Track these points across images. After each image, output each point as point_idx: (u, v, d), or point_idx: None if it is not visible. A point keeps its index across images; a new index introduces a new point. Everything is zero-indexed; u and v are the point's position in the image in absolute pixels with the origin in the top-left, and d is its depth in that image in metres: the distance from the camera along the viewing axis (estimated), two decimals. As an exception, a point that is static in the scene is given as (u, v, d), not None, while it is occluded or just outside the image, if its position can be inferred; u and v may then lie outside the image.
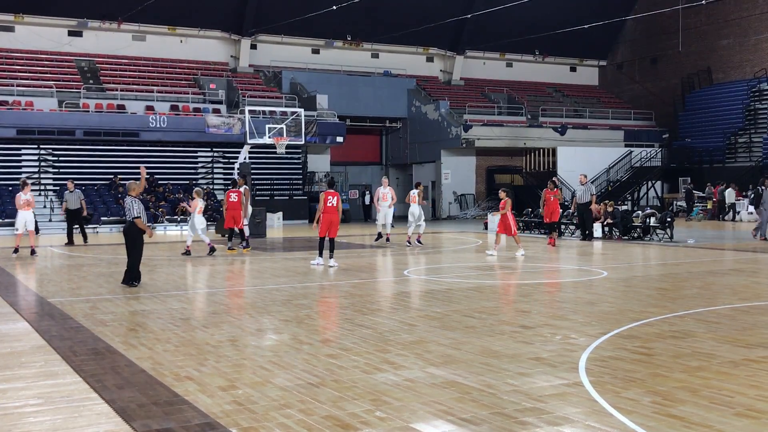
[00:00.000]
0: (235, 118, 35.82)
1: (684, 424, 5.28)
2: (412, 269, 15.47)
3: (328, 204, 16.07)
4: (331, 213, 16.05)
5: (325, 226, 16.07)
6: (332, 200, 16.09)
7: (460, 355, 7.49)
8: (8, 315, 10.34)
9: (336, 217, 16.18)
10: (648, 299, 11.11)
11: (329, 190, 16.33)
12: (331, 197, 16.10)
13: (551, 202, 21.29)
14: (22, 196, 19.35)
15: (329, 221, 16.04)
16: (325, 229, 16.07)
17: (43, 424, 5.49)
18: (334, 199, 16.13)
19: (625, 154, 41.98)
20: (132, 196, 12.68)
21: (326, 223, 16.04)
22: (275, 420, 5.48)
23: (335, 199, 16.14)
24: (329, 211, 16.04)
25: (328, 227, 16.06)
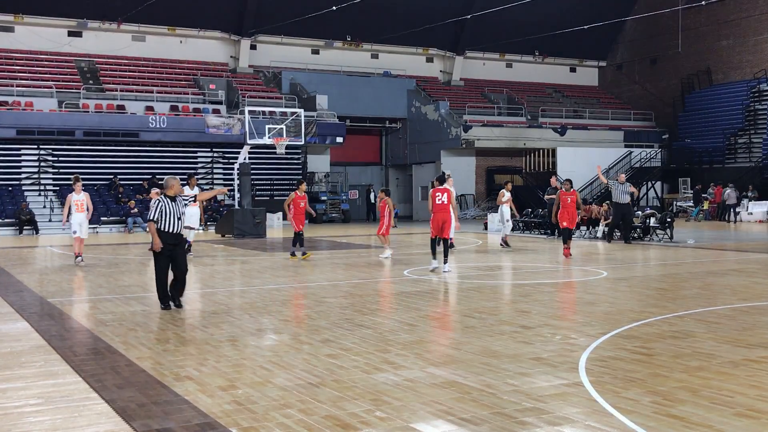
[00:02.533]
0: (235, 119, 35.83)
1: (684, 424, 5.28)
2: (412, 269, 15.47)
3: (437, 201, 14.60)
4: (441, 211, 14.57)
5: (436, 226, 14.62)
6: (442, 197, 14.60)
7: (460, 355, 7.48)
8: (8, 315, 10.33)
9: (447, 216, 14.76)
10: (648, 299, 11.11)
11: (438, 187, 14.82)
12: (440, 194, 14.62)
13: (568, 204, 17.90)
14: (74, 197, 17.11)
15: (440, 221, 14.61)
16: (436, 228, 14.64)
17: (42, 424, 5.49)
18: (444, 196, 14.63)
19: (625, 155, 41.99)
20: (167, 195, 10.48)
21: (437, 222, 14.59)
22: (275, 420, 5.48)
23: (445, 196, 14.65)
24: (439, 210, 14.60)
25: (439, 227, 14.61)
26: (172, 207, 10.34)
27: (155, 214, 10.28)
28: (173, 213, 10.31)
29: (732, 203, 33.79)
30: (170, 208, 10.31)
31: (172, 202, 10.37)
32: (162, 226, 10.21)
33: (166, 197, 10.35)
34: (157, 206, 10.32)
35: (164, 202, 10.33)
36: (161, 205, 10.30)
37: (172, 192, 10.50)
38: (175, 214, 10.31)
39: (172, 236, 10.29)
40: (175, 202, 10.39)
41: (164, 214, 10.27)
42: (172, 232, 10.29)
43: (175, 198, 10.35)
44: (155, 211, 10.30)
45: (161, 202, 10.33)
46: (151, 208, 10.40)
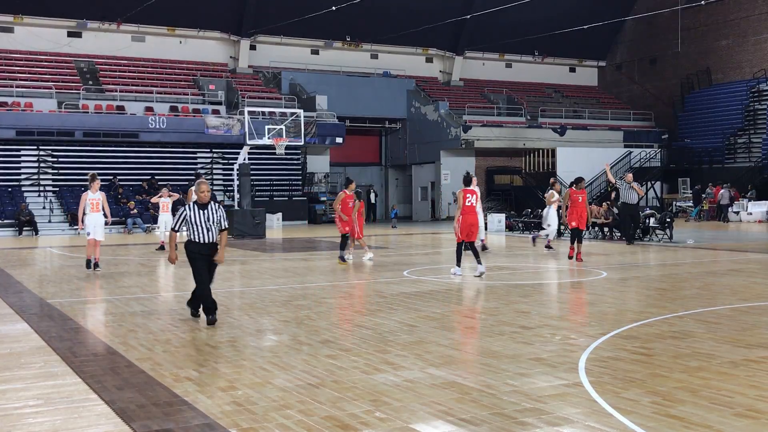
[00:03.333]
0: (235, 119, 35.83)
1: (684, 424, 5.28)
2: (412, 270, 15.47)
3: (467, 203, 13.90)
4: (471, 214, 13.94)
5: (465, 229, 13.89)
6: (471, 199, 13.93)
7: (459, 355, 7.48)
8: (8, 316, 10.33)
9: (476, 218, 14.17)
10: (648, 300, 11.11)
11: (467, 188, 14.08)
12: (470, 195, 13.92)
13: (579, 203, 16.90)
14: (89, 195, 15.45)
15: (470, 223, 13.91)
16: (465, 232, 13.91)
17: (42, 425, 5.49)
18: (474, 198, 13.98)
19: (625, 155, 41.99)
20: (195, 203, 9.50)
21: (466, 225, 13.87)
22: (275, 421, 5.48)
23: (474, 198, 14.01)
24: (468, 212, 13.92)
25: (468, 230, 13.92)
26: (199, 215, 9.31)
27: (177, 223, 9.50)
28: (202, 221, 9.30)
29: (725, 203, 33.87)
30: (197, 217, 9.31)
31: (200, 210, 9.34)
32: (192, 236, 9.39)
33: (194, 205, 9.41)
34: (181, 216, 9.46)
35: (191, 210, 9.38)
36: (185, 214, 9.41)
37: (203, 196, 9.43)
38: (203, 223, 9.30)
39: (204, 246, 9.37)
40: (205, 210, 9.35)
41: (191, 223, 9.34)
42: (203, 242, 9.33)
43: (207, 206, 9.36)
44: (178, 220, 9.49)
45: (186, 211, 9.41)
46: (176, 215, 9.63)
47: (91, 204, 15.43)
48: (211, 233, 9.37)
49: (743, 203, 34.49)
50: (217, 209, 9.41)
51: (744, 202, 34.64)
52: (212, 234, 9.38)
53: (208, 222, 9.35)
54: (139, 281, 14.12)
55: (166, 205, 21.74)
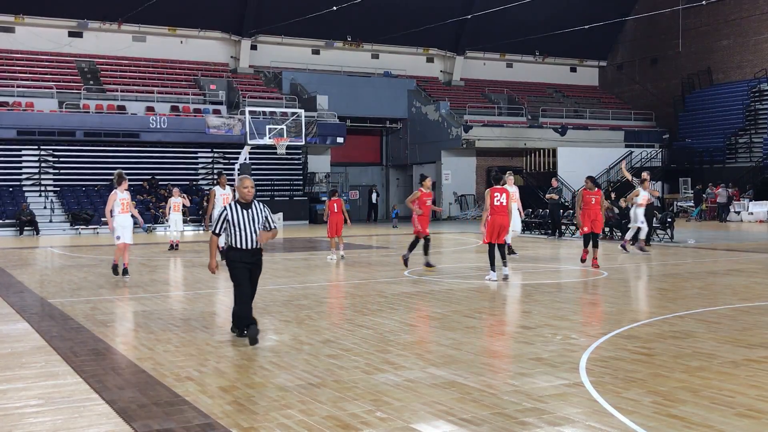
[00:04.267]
0: (236, 119, 35.84)
1: (684, 424, 5.28)
2: (412, 270, 15.47)
3: (496, 203, 13.19)
4: (500, 214, 13.20)
5: (493, 230, 13.19)
6: (500, 198, 13.21)
7: (460, 355, 7.48)
8: (9, 315, 10.34)
9: (506, 219, 13.35)
10: (648, 299, 11.11)
11: (497, 186, 13.45)
12: (499, 194, 13.23)
13: (592, 205, 15.48)
14: (118, 194, 14.05)
15: (499, 224, 13.17)
16: (494, 233, 13.21)
17: (43, 425, 5.49)
18: (503, 197, 13.24)
19: (626, 155, 41.97)
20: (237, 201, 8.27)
21: (495, 226, 13.16)
22: (276, 420, 5.48)
23: (504, 197, 13.25)
24: (497, 212, 13.21)
25: (497, 231, 13.21)
26: (242, 216, 8.06)
27: (218, 226, 8.15)
28: (246, 223, 8.05)
29: (722, 202, 33.89)
30: (241, 218, 8.05)
31: (243, 210, 8.09)
32: (233, 242, 8.06)
33: (236, 204, 8.15)
34: (222, 217, 8.12)
35: (232, 210, 8.09)
36: (227, 215, 8.07)
37: (245, 195, 8.16)
38: (248, 224, 8.06)
39: (247, 253, 8.08)
40: (249, 210, 8.12)
41: (234, 225, 8.03)
42: (248, 248, 8.06)
43: (251, 204, 8.14)
44: (218, 222, 8.14)
45: (227, 210, 8.09)
46: (215, 219, 8.26)
47: (122, 204, 14.06)
48: (255, 237, 8.13)
49: (744, 203, 34.47)
50: (263, 208, 8.21)
51: (745, 202, 34.61)
52: (256, 238, 8.15)
53: (252, 224, 8.09)
54: (139, 281, 14.12)
55: (177, 205, 21.84)
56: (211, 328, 9.11)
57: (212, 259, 8.39)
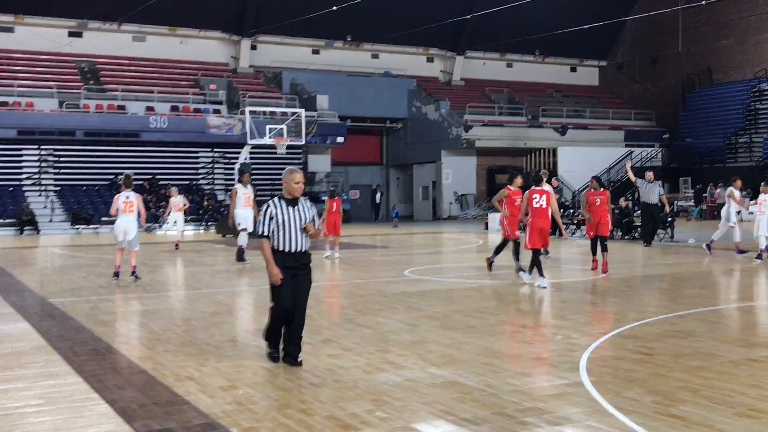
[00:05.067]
0: (236, 119, 35.84)
1: (685, 423, 5.28)
2: (413, 269, 15.47)
3: (535, 205, 12.39)
4: (541, 217, 12.37)
5: (533, 234, 12.33)
6: (540, 200, 12.41)
7: (461, 355, 7.48)
8: (9, 315, 10.33)
9: (547, 222, 12.48)
10: (649, 299, 11.11)
11: (535, 188, 12.59)
12: (538, 196, 12.41)
13: (597, 207, 14.53)
14: (121, 195, 13.46)
15: (539, 228, 12.33)
16: (536, 238, 12.35)
17: (44, 425, 5.49)
18: (542, 199, 12.41)
19: (626, 154, 41.97)
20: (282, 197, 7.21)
21: (535, 230, 12.31)
22: (276, 420, 5.48)
23: (543, 199, 12.42)
24: (538, 215, 12.34)
25: (539, 235, 12.36)
26: (289, 215, 7.04)
27: (266, 225, 7.03)
28: (292, 223, 7.03)
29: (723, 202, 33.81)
30: (287, 216, 7.03)
31: (290, 207, 7.07)
32: (276, 243, 7.01)
33: (281, 200, 7.12)
34: (267, 215, 7.04)
35: (277, 206, 7.06)
36: (270, 212, 7.03)
37: (293, 191, 7.10)
38: (294, 224, 7.02)
39: (291, 257, 7.03)
40: (295, 207, 7.09)
41: (280, 224, 6.99)
42: (293, 251, 7.03)
43: (297, 201, 7.11)
44: (265, 221, 7.03)
45: (271, 208, 7.05)
46: (259, 217, 7.16)
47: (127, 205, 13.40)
48: (304, 239, 7.09)
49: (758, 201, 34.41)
50: (311, 206, 7.22)
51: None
52: (304, 240, 7.10)
53: (299, 223, 7.04)
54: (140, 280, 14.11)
55: (176, 204, 21.92)
56: (211, 328, 9.11)
57: (271, 264, 6.96)
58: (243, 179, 16.66)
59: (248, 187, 16.55)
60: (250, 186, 16.69)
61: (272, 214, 7.01)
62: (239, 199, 16.36)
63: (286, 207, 7.06)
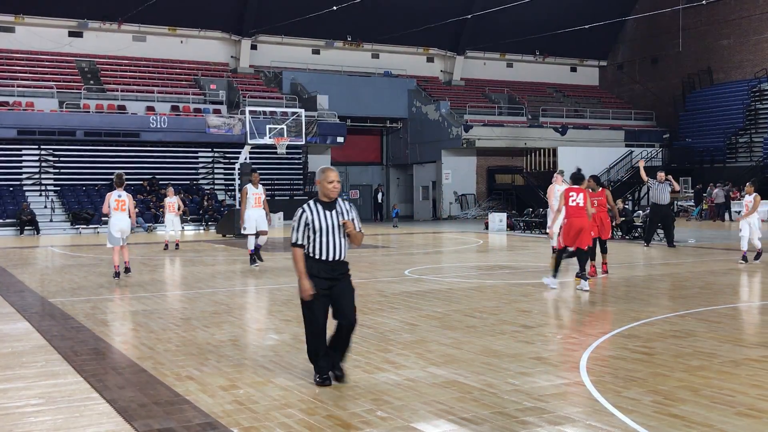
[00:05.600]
0: (236, 119, 35.84)
1: (685, 423, 5.28)
2: (413, 269, 15.47)
3: (571, 203, 11.89)
4: (578, 216, 11.82)
5: (572, 235, 11.84)
6: (576, 198, 11.90)
7: (461, 354, 7.48)
8: (9, 315, 10.34)
9: (585, 222, 11.86)
10: (649, 299, 11.10)
11: (574, 186, 12.14)
12: (575, 194, 11.93)
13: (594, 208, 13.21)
14: (113, 194, 13.82)
15: (577, 228, 11.82)
16: (572, 238, 11.84)
17: (44, 424, 5.49)
18: (579, 197, 11.89)
19: (626, 154, 42.00)
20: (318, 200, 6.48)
21: (572, 229, 11.84)
22: (276, 420, 5.48)
23: (581, 198, 11.89)
24: (574, 214, 11.86)
25: (575, 236, 11.83)
26: (327, 219, 6.36)
27: (300, 233, 6.34)
28: (329, 228, 6.34)
29: (720, 202, 33.90)
30: (324, 221, 6.34)
31: (326, 211, 6.37)
32: (311, 250, 6.32)
33: (316, 203, 6.41)
34: (301, 220, 6.34)
35: (313, 211, 6.34)
36: (305, 217, 6.33)
37: (330, 194, 6.39)
38: (332, 229, 6.34)
39: (328, 266, 6.32)
40: (333, 211, 6.39)
41: (316, 231, 6.31)
42: (330, 259, 6.33)
43: (334, 203, 6.42)
44: (299, 228, 6.34)
45: (306, 212, 6.34)
46: (293, 224, 6.41)
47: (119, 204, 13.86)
48: (343, 246, 6.39)
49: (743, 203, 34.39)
50: (350, 209, 6.49)
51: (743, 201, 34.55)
52: (344, 247, 6.41)
53: (338, 228, 6.36)
54: (140, 280, 14.12)
55: (171, 205, 21.87)
56: (211, 328, 9.11)
57: (303, 277, 6.27)
58: (253, 178, 16.36)
59: (259, 187, 16.22)
60: (261, 186, 16.36)
61: (308, 220, 6.31)
62: (249, 200, 16.02)
63: (322, 211, 6.36)
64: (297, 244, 6.34)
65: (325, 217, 6.33)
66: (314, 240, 6.31)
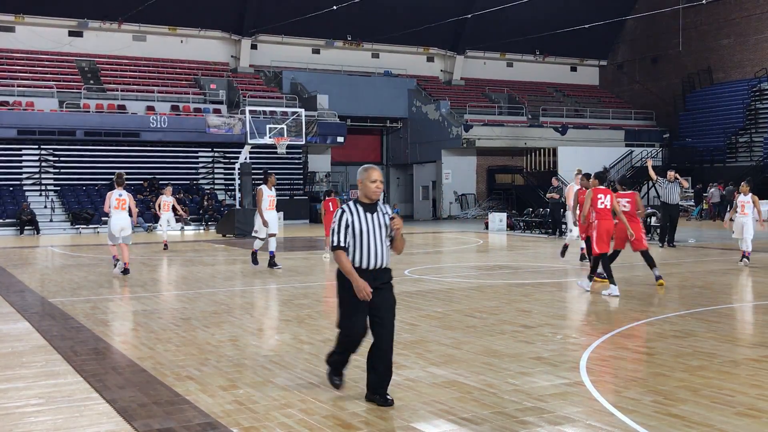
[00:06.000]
0: (236, 119, 35.84)
1: (685, 423, 5.28)
2: (412, 269, 15.47)
3: (599, 205, 11.55)
4: (606, 218, 11.50)
5: (605, 239, 11.44)
6: (604, 200, 11.54)
7: (461, 354, 7.48)
8: (9, 315, 10.34)
9: (612, 224, 11.56)
10: (649, 299, 11.10)
11: (600, 187, 11.73)
12: (603, 196, 11.59)
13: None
14: (114, 193, 14.45)
15: (606, 230, 11.47)
16: (606, 243, 11.47)
17: (44, 424, 5.49)
18: (607, 199, 11.55)
19: (626, 154, 41.99)
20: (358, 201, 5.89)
21: (603, 232, 11.44)
22: (276, 420, 5.49)
23: (608, 199, 11.56)
24: (605, 216, 11.53)
25: (606, 238, 11.47)
26: (369, 222, 5.79)
27: (342, 236, 5.76)
28: (372, 232, 5.77)
29: (716, 201, 33.99)
30: (366, 224, 5.77)
31: (368, 213, 5.81)
32: (351, 257, 5.76)
33: (356, 205, 5.83)
34: (342, 223, 5.76)
35: (354, 213, 5.78)
36: (346, 219, 5.76)
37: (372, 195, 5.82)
38: (375, 234, 5.77)
39: (370, 275, 5.75)
40: (374, 214, 5.83)
41: (357, 235, 5.75)
42: (372, 267, 5.77)
43: (376, 206, 5.86)
44: (340, 230, 5.75)
45: (347, 213, 5.78)
46: (333, 224, 5.81)
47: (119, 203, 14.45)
48: (385, 251, 5.82)
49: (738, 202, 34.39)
50: (390, 211, 5.97)
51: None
52: (386, 252, 5.84)
53: (380, 232, 5.80)
54: (139, 280, 14.13)
55: (167, 204, 21.85)
56: (211, 328, 9.11)
57: (356, 278, 5.67)
58: (269, 180, 16.05)
59: (272, 189, 16.06)
60: (274, 188, 16.18)
61: (348, 222, 5.73)
62: (264, 202, 15.84)
63: (363, 213, 5.77)
64: (339, 246, 5.74)
65: (366, 220, 5.76)
66: (354, 245, 5.74)
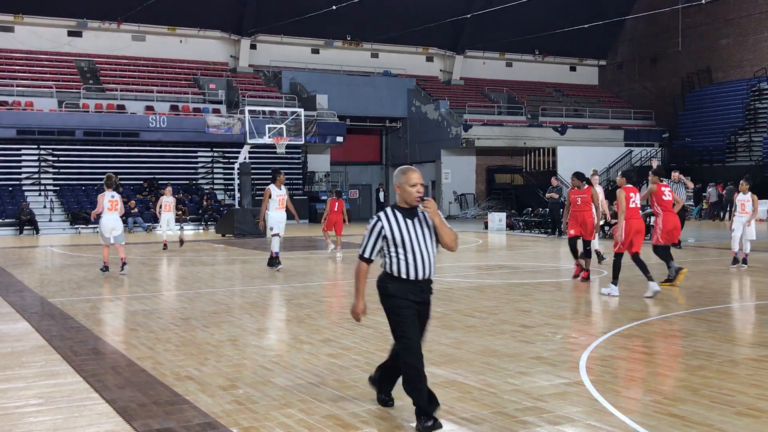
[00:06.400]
0: (235, 118, 35.82)
1: (685, 423, 5.28)
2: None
3: (631, 205, 11.32)
4: (636, 218, 11.35)
5: (628, 237, 11.25)
6: (635, 198, 11.40)
7: (460, 354, 7.48)
8: (9, 315, 10.33)
9: (642, 224, 11.43)
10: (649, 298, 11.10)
11: (628, 185, 11.55)
12: (634, 195, 11.40)
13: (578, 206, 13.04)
14: (106, 195, 14.97)
15: (635, 230, 11.27)
16: (628, 240, 11.28)
17: (43, 424, 5.49)
18: (637, 197, 11.45)
19: (626, 154, 41.99)
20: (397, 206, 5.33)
21: (631, 232, 11.24)
22: (276, 419, 5.48)
23: (638, 197, 11.47)
24: (634, 215, 11.34)
25: (632, 238, 11.28)
26: (409, 229, 5.24)
27: (370, 247, 5.27)
28: (414, 240, 5.22)
29: (713, 201, 34.05)
30: (406, 232, 5.23)
31: (407, 220, 5.25)
32: (395, 269, 5.24)
33: (395, 211, 5.28)
34: (375, 232, 5.25)
35: (391, 220, 5.24)
36: (381, 228, 5.23)
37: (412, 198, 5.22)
38: (418, 242, 5.22)
39: (417, 287, 5.29)
40: (414, 219, 5.26)
41: (399, 244, 5.21)
42: (419, 277, 5.26)
43: (415, 210, 5.26)
44: (370, 240, 5.27)
45: (383, 221, 5.24)
46: (365, 234, 5.31)
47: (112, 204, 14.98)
48: (432, 260, 5.30)
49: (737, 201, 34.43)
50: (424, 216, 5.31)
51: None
52: (433, 262, 5.31)
53: (424, 240, 5.25)
54: (139, 280, 14.13)
55: (168, 204, 21.77)
56: (211, 328, 9.11)
57: (360, 298, 5.39)
58: (278, 179, 15.76)
59: (282, 188, 15.76)
60: (284, 187, 15.90)
61: (384, 232, 5.20)
62: (273, 202, 15.58)
63: (403, 220, 5.22)
64: (363, 257, 5.27)
65: (407, 227, 5.21)
66: (398, 255, 5.20)
